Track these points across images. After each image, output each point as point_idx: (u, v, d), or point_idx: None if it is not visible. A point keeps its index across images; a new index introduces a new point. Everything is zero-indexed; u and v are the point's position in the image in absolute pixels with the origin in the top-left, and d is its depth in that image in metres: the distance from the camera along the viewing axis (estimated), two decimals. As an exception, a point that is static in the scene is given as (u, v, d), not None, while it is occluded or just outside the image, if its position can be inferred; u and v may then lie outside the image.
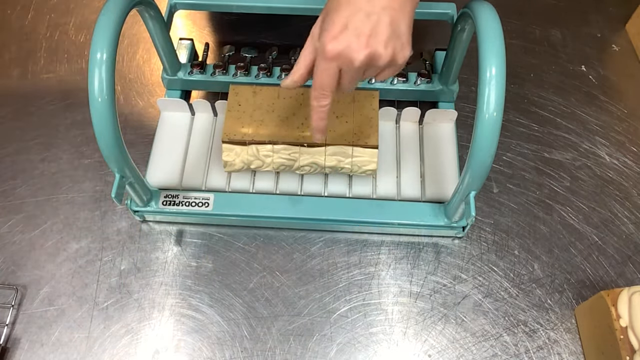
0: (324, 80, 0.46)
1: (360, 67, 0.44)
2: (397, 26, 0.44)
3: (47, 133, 0.71)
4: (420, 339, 0.58)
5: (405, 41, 0.45)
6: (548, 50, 0.78)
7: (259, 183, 0.64)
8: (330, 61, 0.44)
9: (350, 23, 0.43)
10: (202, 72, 0.71)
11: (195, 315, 0.59)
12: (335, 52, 0.43)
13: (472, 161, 0.50)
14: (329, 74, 0.45)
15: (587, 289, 0.61)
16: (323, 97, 0.47)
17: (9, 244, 0.63)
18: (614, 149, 0.70)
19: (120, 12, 0.49)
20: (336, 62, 0.44)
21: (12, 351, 0.57)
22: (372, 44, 0.43)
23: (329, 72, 0.45)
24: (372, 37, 0.43)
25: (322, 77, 0.45)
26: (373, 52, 0.44)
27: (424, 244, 0.63)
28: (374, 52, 0.44)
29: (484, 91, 0.46)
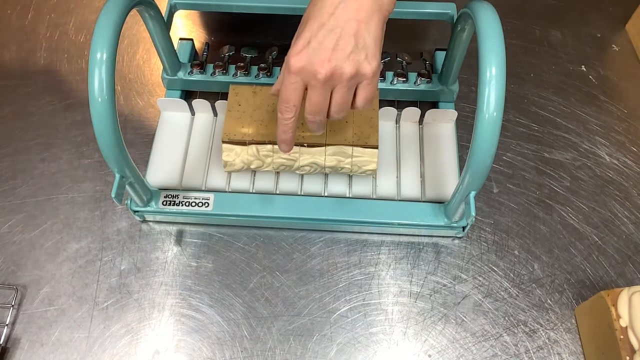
0: (289, 94, 0.47)
1: (324, 81, 0.45)
2: (362, 38, 0.44)
3: (47, 133, 0.71)
4: (420, 339, 0.58)
5: (371, 53, 0.45)
6: (548, 50, 0.78)
7: (259, 183, 0.64)
8: (294, 75, 0.45)
9: (313, 38, 0.44)
10: (202, 72, 0.71)
11: (195, 315, 0.59)
12: (297, 67, 0.45)
13: (472, 161, 0.50)
14: (294, 87, 0.46)
15: (587, 289, 0.61)
16: (287, 110, 0.48)
17: (9, 244, 0.63)
18: (614, 149, 0.70)
19: (120, 12, 0.49)
20: (300, 77, 0.45)
21: (12, 351, 0.57)
22: (334, 59, 0.44)
23: (294, 87, 0.46)
24: (334, 51, 0.44)
25: (287, 90, 0.47)
26: (334, 66, 0.44)
27: (424, 244, 0.63)
28: (336, 66, 0.44)
29: (484, 91, 0.46)
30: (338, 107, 0.47)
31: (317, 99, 0.46)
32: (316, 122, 0.49)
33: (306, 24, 0.45)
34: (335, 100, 0.47)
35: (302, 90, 0.47)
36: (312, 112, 0.48)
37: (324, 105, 0.47)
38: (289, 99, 0.47)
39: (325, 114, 0.48)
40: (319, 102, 0.47)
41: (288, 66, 0.45)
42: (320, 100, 0.46)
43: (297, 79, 0.46)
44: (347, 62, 0.44)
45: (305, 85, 0.46)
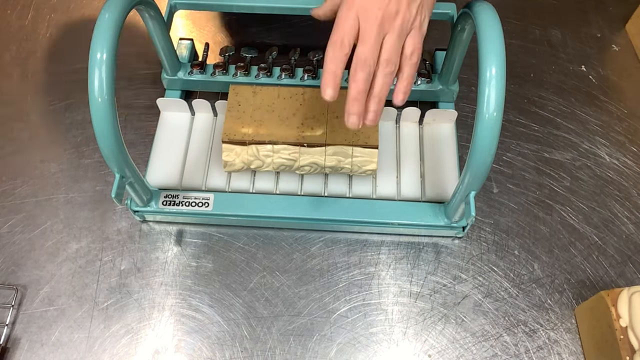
0: (343, 29, 0.46)
1: (379, 22, 0.45)
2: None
3: (47, 133, 0.71)
4: (420, 339, 0.58)
5: (424, 3, 0.47)
6: (548, 50, 0.78)
7: (259, 183, 0.64)
8: (352, 12, 0.46)
9: None
10: (202, 72, 0.71)
11: (195, 315, 0.59)
12: (358, 3, 0.46)
13: (472, 161, 0.50)
14: (349, 24, 0.46)
15: (587, 289, 0.61)
16: (341, 47, 0.46)
17: (9, 244, 0.63)
18: (614, 149, 0.70)
19: (120, 12, 0.49)
20: (357, 13, 0.46)
21: (12, 351, 0.57)
22: (391, 2, 0.46)
23: (350, 23, 0.46)
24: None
25: (342, 25, 0.46)
26: (389, 9, 0.46)
27: (424, 244, 0.63)
28: (390, 9, 0.46)
29: (484, 91, 0.46)
30: (390, 52, 0.46)
31: (369, 40, 0.46)
32: (364, 70, 0.46)
33: None
34: (386, 45, 0.46)
35: (356, 30, 0.46)
36: (363, 55, 0.46)
37: (375, 49, 0.46)
38: (343, 34, 0.46)
39: (375, 62, 0.46)
40: (371, 43, 0.46)
41: (346, 2, 0.46)
42: (373, 42, 0.46)
43: (354, 15, 0.46)
44: (402, 7, 0.46)
45: (358, 28, 0.46)
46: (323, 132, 0.59)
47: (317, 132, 0.59)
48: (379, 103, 0.48)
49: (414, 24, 0.47)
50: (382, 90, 0.47)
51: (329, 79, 0.46)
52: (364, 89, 0.47)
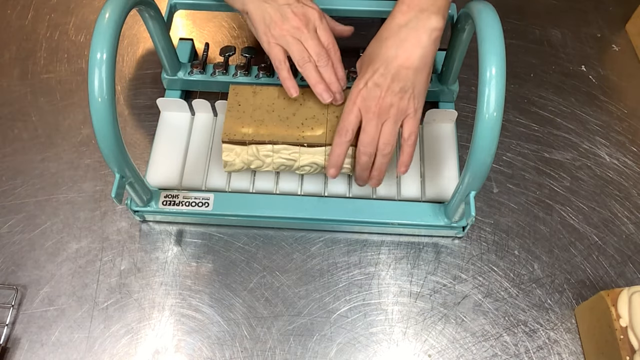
0: (348, 120, 0.55)
1: (378, 114, 0.54)
2: (410, 82, 0.53)
3: (47, 133, 0.71)
4: (420, 339, 0.58)
5: (415, 93, 0.54)
6: (548, 50, 0.78)
7: (259, 183, 0.64)
8: (355, 106, 0.55)
9: (370, 80, 0.54)
10: (202, 72, 0.71)
11: (195, 315, 0.59)
12: (357, 100, 0.55)
13: (472, 161, 0.50)
14: (353, 115, 0.55)
15: (587, 289, 0.61)
16: (344, 134, 0.56)
17: (9, 244, 0.63)
18: (614, 149, 0.70)
19: (120, 12, 0.49)
20: (358, 107, 0.55)
21: (12, 351, 0.57)
22: (386, 97, 0.54)
23: (353, 114, 0.55)
24: (386, 92, 0.53)
25: (347, 117, 0.56)
26: (384, 103, 0.54)
27: (424, 244, 0.63)
28: (385, 103, 0.54)
29: (484, 91, 0.46)
30: (387, 136, 0.55)
31: (370, 130, 0.55)
32: (367, 154, 0.56)
33: (368, 66, 0.55)
34: (384, 131, 0.55)
35: (358, 120, 0.55)
36: (365, 142, 0.55)
37: (375, 136, 0.55)
38: (348, 124, 0.55)
39: (375, 146, 0.56)
40: (371, 132, 0.55)
41: (351, 98, 0.55)
42: (373, 131, 0.55)
43: (356, 108, 0.55)
44: (395, 100, 0.54)
45: (361, 118, 0.55)
46: (323, 132, 0.59)
47: (317, 132, 0.59)
48: (379, 174, 0.58)
49: (408, 111, 0.55)
50: (381, 166, 0.57)
51: (334, 161, 0.57)
52: (367, 167, 0.57)
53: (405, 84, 0.53)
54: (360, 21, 0.68)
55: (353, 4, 0.68)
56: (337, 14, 0.67)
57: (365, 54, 0.57)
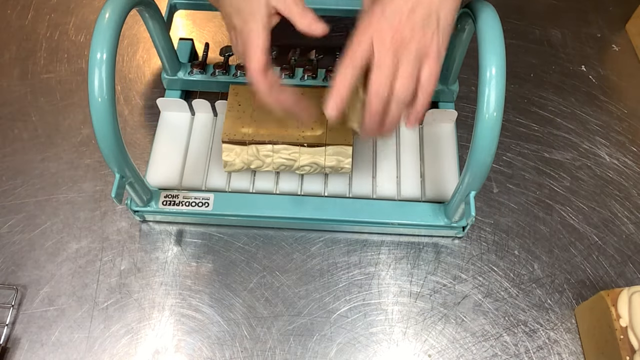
0: (354, 50, 0.45)
1: (393, 47, 0.44)
2: (436, 14, 0.44)
3: (47, 133, 0.71)
4: (420, 339, 0.58)
5: (441, 28, 0.45)
6: (548, 50, 0.78)
7: (259, 183, 0.64)
8: (365, 35, 0.45)
9: (388, 4, 0.44)
10: (202, 72, 0.71)
11: (195, 315, 0.59)
12: (370, 27, 0.45)
13: (472, 161, 0.50)
14: (362, 48, 0.45)
15: (587, 289, 0.61)
16: (353, 68, 0.45)
17: (9, 244, 0.63)
18: (614, 149, 0.70)
19: (120, 12, 0.49)
20: (370, 36, 0.44)
21: (12, 351, 0.57)
22: (406, 25, 0.44)
23: (362, 47, 0.45)
24: (408, 18, 0.44)
25: (353, 47, 0.45)
26: (404, 32, 0.44)
27: (424, 244, 0.63)
28: (405, 32, 0.44)
29: (484, 91, 0.46)
30: (405, 79, 0.45)
31: (385, 67, 0.44)
32: (379, 97, 0.45)
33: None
34: (401, 72, 0.45)
35: (370, 54, 0.45)
36: (378, 82, 0.45)
37: (389, 75, 0.45)
38: (355, 56, 0.45)
39: (389, 88, 0.45)
40: (385, 70, 0.44)
41: (361, 26, 0.45)
42: (387, 69, 0.44)
43: (368, 39, 0.44)
44: (416, 31, 0.44)
45: (372, 52, 0.45)
46: (323, 132, 0.59)
47: (317, 132, 0.59)
48: (392, 125, 0.48)
49: (431, 50, 0.45)
50: (395, 116, 0.47)
51: (336, 94, 0.46)
52: (378, 114, 0.47)
53: (430, 14, 0.44)
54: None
55: (345, 4, 0.67)
56: (330, 13, 0.67)
57: None
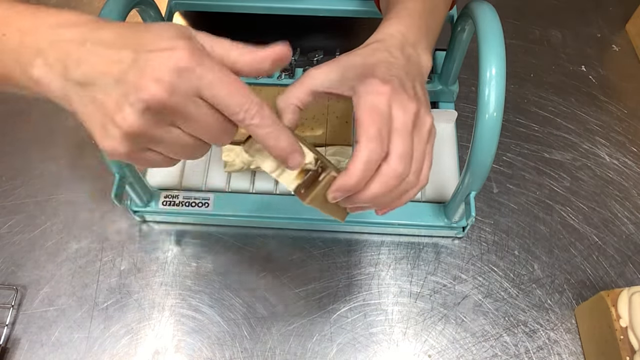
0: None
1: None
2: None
3: (47, 133, 0.71)
4: (420, 339, 0.58)
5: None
6: (548, 50, 0.78)
7: (259, 183, 0.64)
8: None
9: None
10: (202, 72, 0.70)
11: (195, 316, 0.59)
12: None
13: (472, 161, 0.50)
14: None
15: (587, 289, 0.61)
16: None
17: (9, 244, 0.63)
18: (614, 149, 0.70)
19: (120, 12, 0.49)
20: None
21: (12, 351, 0.57)
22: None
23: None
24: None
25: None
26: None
27: (424, 244, 0.63)
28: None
29: (484, 91, 0.46)
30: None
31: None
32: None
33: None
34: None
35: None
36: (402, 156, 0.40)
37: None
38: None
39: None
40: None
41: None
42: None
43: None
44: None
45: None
46: (323, 132, 0.59)
47: (317, 132, 0.59)
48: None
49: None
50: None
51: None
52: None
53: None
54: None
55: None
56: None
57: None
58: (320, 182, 0.40)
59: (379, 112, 0.39)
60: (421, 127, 0.41)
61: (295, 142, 0.38)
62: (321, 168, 0.41)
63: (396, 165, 0.39)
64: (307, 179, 0.41)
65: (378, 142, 0.38)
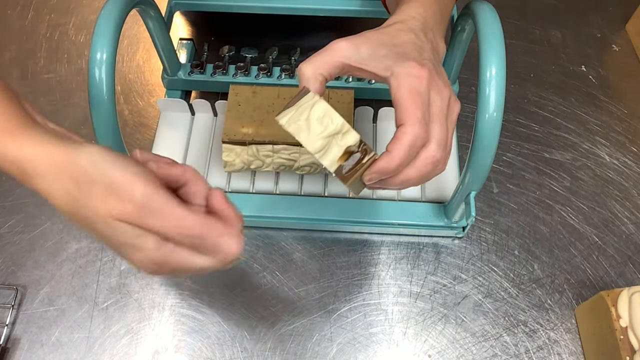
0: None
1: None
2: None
3: (47, 133, 0.71)
4: (420, 339, 0.58)
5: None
6: (548, 50, 0.78)
7: (259, 183, 0.64)
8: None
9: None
10: (202, 72, 0.71)
11: (195, 315, 0.59)
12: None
13: (472, 161, 0.50)
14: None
15: (587, 289, 0.61)
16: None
17: (9, 244, 0.63)
18: (614, 149, 0.70)
19: (120, 12, 0.49)
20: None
21: (12, 351, 0.57)
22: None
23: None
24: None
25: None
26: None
27: (424, 244, 0.63)
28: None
29: (484, 91, 0.46)
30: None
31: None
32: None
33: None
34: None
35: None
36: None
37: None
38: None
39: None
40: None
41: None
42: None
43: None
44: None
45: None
46: None
47: (317, 132, 0.59)
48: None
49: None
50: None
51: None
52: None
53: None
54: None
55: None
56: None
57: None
58: (363, 165, 0.40)
59: (421, 96, 0.39)
60: (452, 113, 0.41)
61: (224, 227, 0.37)
62: (364, 151, 0.40)
63: (435, 152, 0.39)
64: (349, 161, 0.41)
65: (423, 126, 0.38)
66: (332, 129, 0.40)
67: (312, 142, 0.41)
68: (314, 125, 0.41)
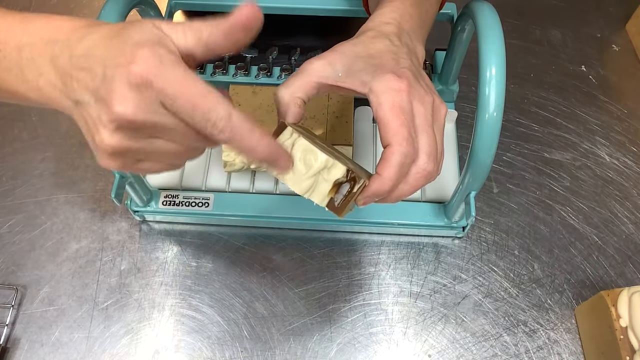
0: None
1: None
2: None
3: (47, 133, 0.71)
4: (420, 339, 0.58)
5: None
6: (548, 50, 0.78)
7: (259, 183, 0.64)
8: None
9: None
10: (202, 72, 0.71)
11: (195, 315, 0.59)
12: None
13: (472, 161, 0.50)
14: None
15: (587, 289, 0.61)
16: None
17: (9, 244, 0.63)
18: (614, 149, 0.70)
19: (120, 12, 0.49)
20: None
21: (12, 351, 0.57)
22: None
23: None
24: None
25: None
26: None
27: (424, 244, 0.63)
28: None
29: (484, 91, 0.46)
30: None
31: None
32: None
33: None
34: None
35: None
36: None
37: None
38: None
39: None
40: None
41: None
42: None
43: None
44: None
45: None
46: (323, 132, 0.59)
47: (317, 132, 0.59)
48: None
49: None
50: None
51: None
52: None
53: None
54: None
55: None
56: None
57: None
58: (354, 194, 0.39)
59: (403, 112, 0.38)
60: (439, 118, 0.41)
61: (277, 147, 0.36)
62: (353, 179, 0.39)
63: (425, 165, 0.39)
64: (340, 191, 0.40)
65: (410, 143, 0.38)
66: (317, 167, 0.39)
67: (299, 184, 0.40)
68: (297, 166, 0.40)
